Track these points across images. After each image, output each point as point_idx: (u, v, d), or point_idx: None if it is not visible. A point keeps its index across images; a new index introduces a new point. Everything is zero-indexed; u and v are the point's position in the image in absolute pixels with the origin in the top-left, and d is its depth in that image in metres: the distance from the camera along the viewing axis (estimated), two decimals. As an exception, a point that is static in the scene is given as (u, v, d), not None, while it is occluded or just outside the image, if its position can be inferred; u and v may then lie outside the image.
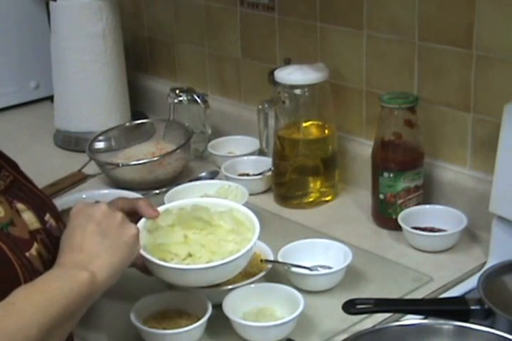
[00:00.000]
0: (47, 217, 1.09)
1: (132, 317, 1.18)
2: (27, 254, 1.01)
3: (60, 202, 1.50)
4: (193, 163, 1.82)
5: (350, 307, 1.18)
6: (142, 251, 1.12)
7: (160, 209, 1.20)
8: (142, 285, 1.25)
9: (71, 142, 1.95)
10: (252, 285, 1.25)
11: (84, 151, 1.79)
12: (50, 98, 2.09)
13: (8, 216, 1.02)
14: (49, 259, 1.04)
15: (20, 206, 1.05)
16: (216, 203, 1.25)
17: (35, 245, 1.03)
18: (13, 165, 1.12)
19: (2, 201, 1.03)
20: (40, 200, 1.11)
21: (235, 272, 1.17)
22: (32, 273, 1.00)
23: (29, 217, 1.05)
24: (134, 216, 1.18)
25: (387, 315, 1.22)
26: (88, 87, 1.90)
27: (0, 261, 0.97)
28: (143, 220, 1.17)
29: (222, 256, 1.13)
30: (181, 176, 1.74)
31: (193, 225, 1.18)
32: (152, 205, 1.20)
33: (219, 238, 1.17)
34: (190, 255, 1.14)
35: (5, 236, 0.99)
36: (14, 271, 0.98)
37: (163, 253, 1.13)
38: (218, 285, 1.22)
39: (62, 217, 1.14)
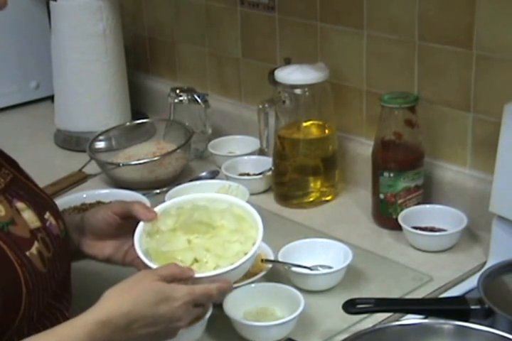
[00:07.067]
0: (47, 215, 1.09)
1: (133, 316, 1.18)
2: (27, 253, 1.01)
3: (61, 202, 1.51)
4: (193, 163, 1.82)
5: (351, 306, 1.18)
6: (145, 259, 1.09)
7: (157, 209, 1.17)
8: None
9: (72, 142, 1.95)
10: (253, 285, 1.25)
11: (84, 151, 1.79)
12: (51, 98, 2.09)
13: (9, 215, 1.02)
14: (48, 258, 1.04)
15: (20, 205, 1.05)
16: (214, 199, 1.21)
17: (36, 244, 1.03)
18: (12, 163, 1.12)
19: (2, 200, 1.03)
20: (40, 198, 1.11)
21: (241, 274, 1.14)
22: (32, 273, 1.00)
23: (29, 216, 1.05)
24: (129, 220, 1.17)
25: (388, 314, 1.22)
26: (88, 87, 1.91)
27: (0, 261, 0.97)
28: (141, 224, 1.14)
29: (228, 260, 1.10)
30: (182, 176, 1.74)
31: (196, 229, 1.14)
32: (148, 207, 1.17)
33: (223, 240, 1.13)
34: (196, 260, 1.11)
35: (5, 236, 0.99)
36: (14, 271, 0.98)
37: (168, 260, 1.09)
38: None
39: (62, 216, 1.14)
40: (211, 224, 1.16)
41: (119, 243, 1.20)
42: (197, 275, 1.07)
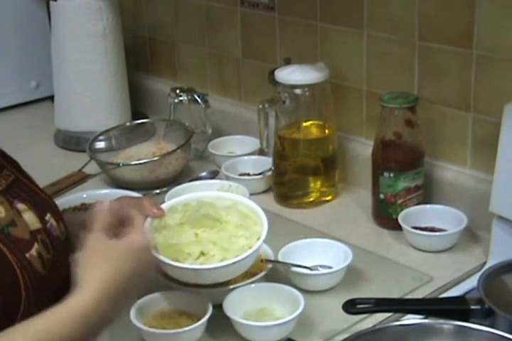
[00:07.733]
0: (47, 216, 1.09)
1: (132, 316, 1.18)
2: (27, 255, 1.00)
3: (61, 202, 1.51)
4: (193, 163, 1.82)
5: (351, 306, 1.18)
6: (154, 252, 1.11)
7: (164, 206, 1.19)
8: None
9: (72, 142, 1.95)
10: (253, 285, 1.25)
11: (84, 151, 1.79)
12: (51, 98, 2.09)
13: (9, 216, 1.02)
14: (48, 259, 1.04)
15: (20, 206, 1.05)
16: (220, 197, 1.24)
17: (36, 245, 1.03)
18: (14, 164, 1.12)
19: (3, 201, 1.03)
20: (41, 200, 1.11)
21: (245, 267, 1.17)
22: (31, 275, 1.00)
23: (30, 217, 1.05)
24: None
25: (388, 314, 1.22)
26: (88, 87, 1.91)
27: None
28: (149, 220, 1.15)
29: (234, 253, 1.14)
30: (182, 176, 1.74)
31: (203, 223, 1.17)
32: (156, 204, 1.18)
33: (229, 234, 1.16)
34: (203, 254, 1.14)
35: (5, 237, 0.99)
36: (14, 273, 0.97)
37: (175, 253, 1.13)
38: (219, 285, 1.22)
39: (62, 217, 1.14)
40: (218, 218, 1.18)
41: None
42: (204, 266, 1.11)
